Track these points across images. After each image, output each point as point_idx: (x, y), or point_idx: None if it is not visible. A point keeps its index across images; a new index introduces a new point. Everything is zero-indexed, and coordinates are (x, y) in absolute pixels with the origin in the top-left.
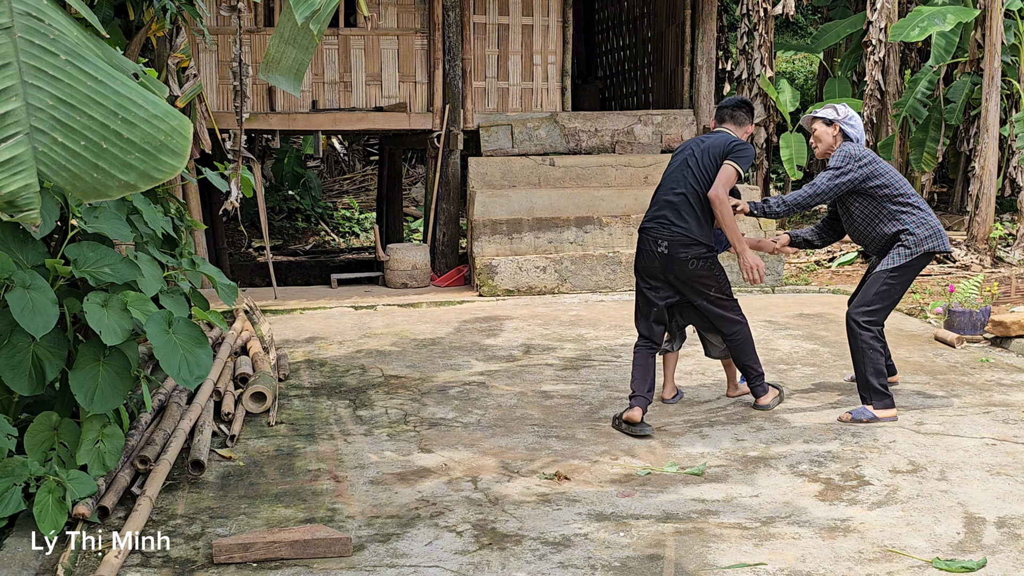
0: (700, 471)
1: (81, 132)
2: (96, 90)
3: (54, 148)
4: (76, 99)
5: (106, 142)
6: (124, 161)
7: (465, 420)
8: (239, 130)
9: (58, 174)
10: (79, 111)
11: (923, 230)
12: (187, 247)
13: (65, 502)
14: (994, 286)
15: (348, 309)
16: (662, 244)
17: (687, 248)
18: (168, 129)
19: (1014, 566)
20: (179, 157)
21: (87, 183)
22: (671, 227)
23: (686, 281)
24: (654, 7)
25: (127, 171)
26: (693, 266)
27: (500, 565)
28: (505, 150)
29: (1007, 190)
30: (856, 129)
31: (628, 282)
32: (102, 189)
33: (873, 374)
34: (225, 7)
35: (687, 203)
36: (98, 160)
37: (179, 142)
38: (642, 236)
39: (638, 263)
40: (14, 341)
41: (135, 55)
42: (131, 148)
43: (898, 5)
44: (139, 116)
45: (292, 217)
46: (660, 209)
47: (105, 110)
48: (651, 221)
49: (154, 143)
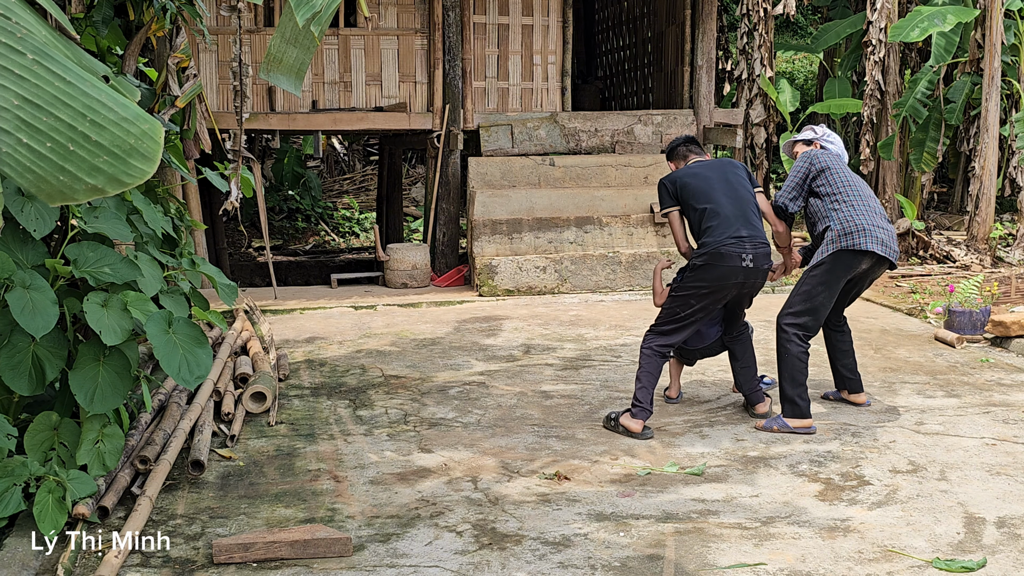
0: (700, 471)
1: (47, 133)
2: (64, 91)
3: (19, 149)
4: (43, 100)
5: (73, 144)
6: (92, 164)
7: (465, 420)
8: (239, 130)
9: (23, 176)
10: (46, 112)
11: (845, 226)
12: (187, 247)
13: (65, 502)
14: (994, 286)
15: (348, 309)
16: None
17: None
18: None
19: (1014, 566)
20: (149, 162)
21: (53, 185)
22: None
23: (756, 289)
24: (654, 7)
25: (95, 174)
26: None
27: (500, 565)
28: (505, 150)
29: (1007, 190)
30: (835, 146)
31: (628, 282)
32: (68, 192)
33: (790, 382)
34: (225, 7)
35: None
36: (65, 163)
37: (149, 146)
38: (726, 251)
39: (718, 278)
40: (14, 341)
41: (135, 55)
42: (99, 151)
43: (898, 5)
44: (108, 119)
45: (292, 217)
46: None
47: (73, 112)
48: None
49: (123, 147)
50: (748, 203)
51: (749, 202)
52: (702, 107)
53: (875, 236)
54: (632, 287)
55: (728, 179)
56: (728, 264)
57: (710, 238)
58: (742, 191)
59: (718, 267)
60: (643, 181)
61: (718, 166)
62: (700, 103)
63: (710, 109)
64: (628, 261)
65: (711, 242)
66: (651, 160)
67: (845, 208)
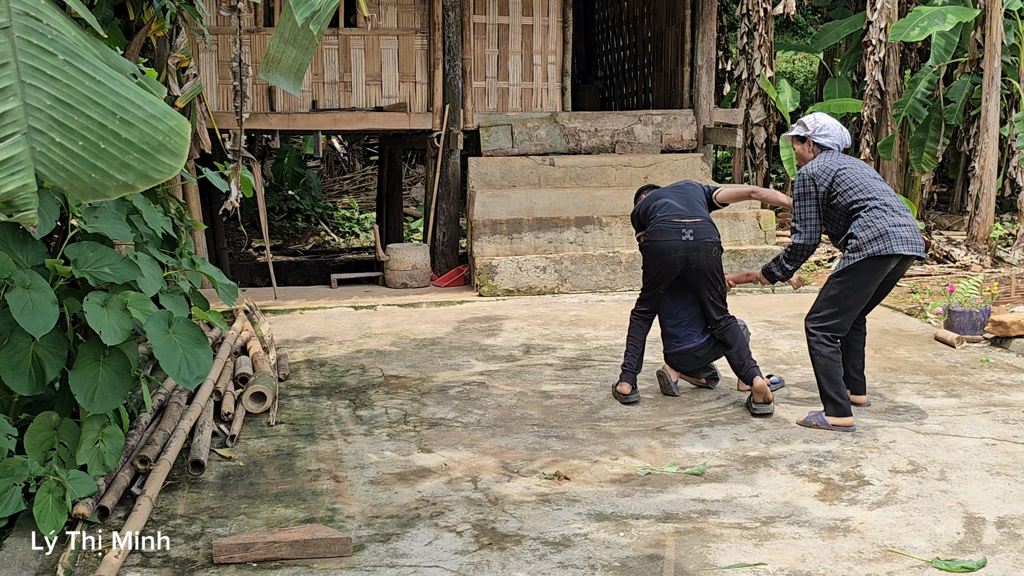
0: (700, 471)
1: (79, 132)
2: (94, 90)
3: (52, 148)
4: (74, 99)
5: (104, 142)
6: (122, 161)
7: (465, 420)
8: (239, 130)
9: (56, 174)
10: (77, 111)
11: (868, 233)
12: (187, 247)
13: (65, 502)
14: (994, 286)
15: (348, 309)
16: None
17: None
18: (166, 129)
19: (1014, 566)
20: (177, 157)
21: (85, 183)
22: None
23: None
24: (654, 7)
25: (125, 171)
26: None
27: (500, 565)
28: (505, 150)
29: (1007, 190)
30: (831, 137)
31: (628, 282)
32: (100, 189)
33: (826, 382)
34: (225, 7)
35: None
36: (96, 160)
37: (177, 142)
38: (665, 227)
39: (660, 252)
40: (14, 341)
41: (135, 55)
42: (129, 148)
43: (898, 5)
44: (137, 116)
45: (292, 217)
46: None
47: (103, 110)
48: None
49: (152, 143)
50: (696, 199)
51: (698, 199)
52: (702, 107)
53: (899, 236)
54: (632, 287)
55: (680, 187)
56: (667, 239)
57: (654, 219)
58: (691, 191)
59: (659, 242)
60: (643, 181)
61: (673, 187)
62: (700, 103)
63: (710, 109)
64: (628, 261)
65: (654, 221)
66: (651, 160)
67: (864, 215)
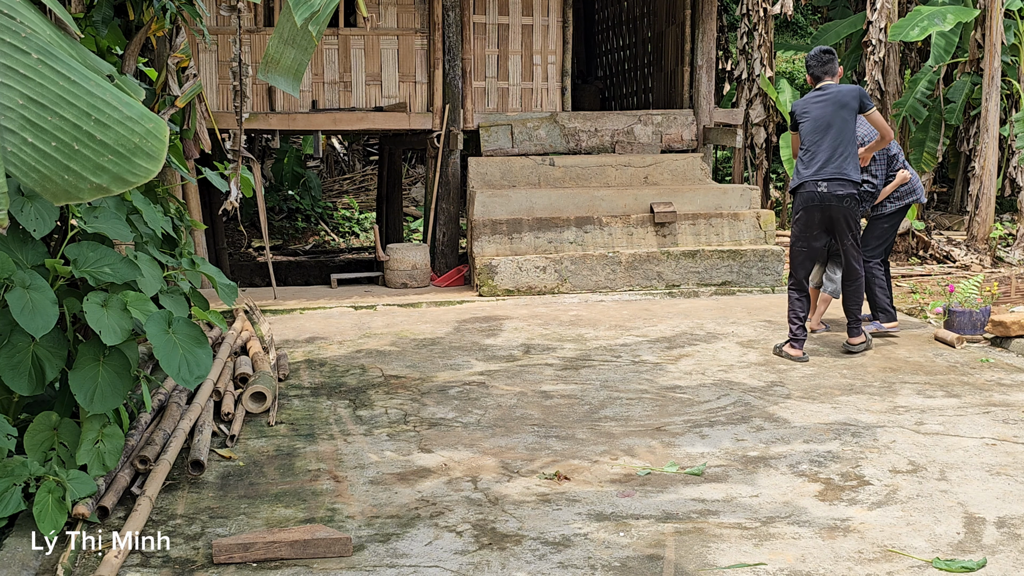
0: (700, 471)
1: (52, 133)
2: (69, 90)
3: (24, 148)
4: (47, 99)
5: (78, 143)
6: (97, 163)
7: (465, 420)
8: (239, 130)
9: (28, 175)
10: (51, 111)
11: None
12: (187, 247)
13: (65, 502)
14: (994, 286)
15: (348, 309)
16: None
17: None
18: (143, 132)
19: (1014, 566)
20: (154, 161)
21: (58, 184)
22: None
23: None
24: (654, 7)
25: (100, 173)
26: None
27: (500, 565)
28: (505, 150)
29: (1007, 190)
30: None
31: (628, 282)
32: (73, 191)
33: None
34: (225, 7)
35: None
36: (69, 162)
37: (154, 145)
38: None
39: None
40: (14, 341)
41: (135, 55)
42: (104, 150)
43: (898, 5)
44: (113, 118)
45: (292, 217)
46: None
47: (78, 111)
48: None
49: (128, 146)
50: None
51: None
52: (702, 107)
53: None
54: (632, 287)
55: (829, 120)
56: (807, 190)
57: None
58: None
59: (801, 193)
60: (643, 181)
61: (829, 100)
62: (700, 103)
63: (710, 109)
64: (628, 261)
65: (798, 175)
66: (651, 160)
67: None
